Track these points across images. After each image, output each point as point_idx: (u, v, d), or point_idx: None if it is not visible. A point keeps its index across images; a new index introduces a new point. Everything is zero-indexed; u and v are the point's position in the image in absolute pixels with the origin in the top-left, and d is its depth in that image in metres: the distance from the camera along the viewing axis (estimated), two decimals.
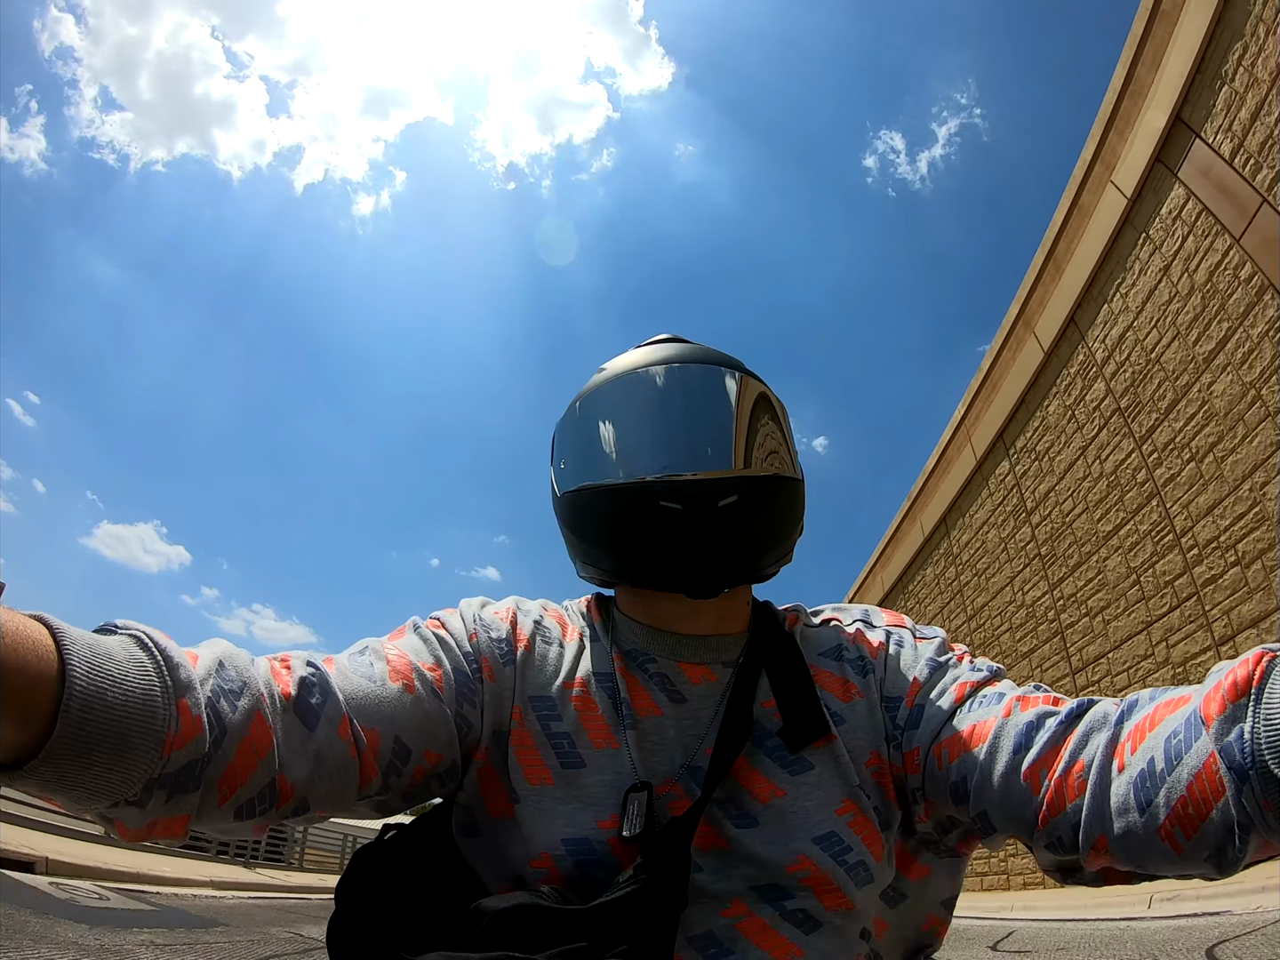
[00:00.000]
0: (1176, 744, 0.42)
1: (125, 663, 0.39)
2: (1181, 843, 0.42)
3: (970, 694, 0.60)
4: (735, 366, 0.69)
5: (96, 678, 0.37)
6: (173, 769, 0.41)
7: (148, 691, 0.39)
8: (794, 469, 0.69)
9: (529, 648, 0.65)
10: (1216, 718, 0.40)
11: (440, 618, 0.65)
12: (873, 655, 0.67)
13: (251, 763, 0.45)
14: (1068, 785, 0.48)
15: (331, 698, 0.51)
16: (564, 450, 0.70)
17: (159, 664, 0.41)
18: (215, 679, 0.45)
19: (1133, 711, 0.49)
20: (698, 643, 0.66)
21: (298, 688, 0.50)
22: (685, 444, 0.63)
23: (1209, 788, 0.40)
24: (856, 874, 0.56)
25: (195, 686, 0.42)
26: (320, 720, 0.50)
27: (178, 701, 0.41)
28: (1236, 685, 0.40)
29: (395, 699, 0.55)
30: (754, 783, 0.59)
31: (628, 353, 0.72)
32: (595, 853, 0.55)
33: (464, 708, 0.59)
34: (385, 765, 0.54)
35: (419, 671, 0.57)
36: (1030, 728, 0.53)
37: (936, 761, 0.58)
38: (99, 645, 0.39)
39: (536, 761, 0.59)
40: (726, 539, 0.61)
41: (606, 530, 0.65)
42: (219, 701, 0.44)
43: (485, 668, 0.62)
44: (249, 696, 0.46)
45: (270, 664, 0.51)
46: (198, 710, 0.42)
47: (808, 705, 0.61)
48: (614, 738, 0.60)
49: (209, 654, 0.46)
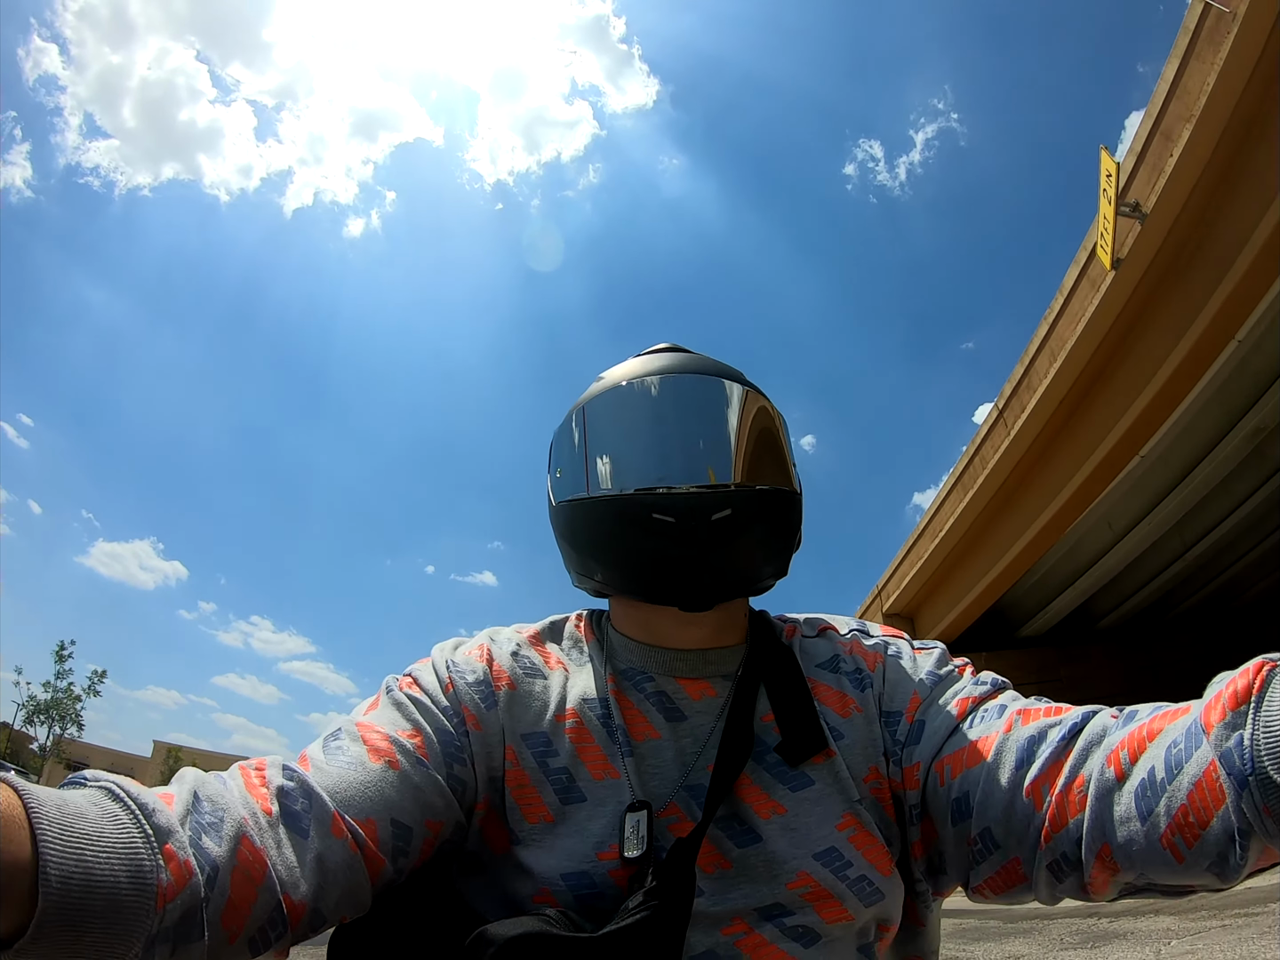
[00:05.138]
0: (1176, 753, 0.42)
1: (99, 819, 0.38)
2: (1183, 851, 0.42)
3: (972, 709, 0.59)
4: (733, 377, 0.68)
5: (72, 841, 0.35)
6: (171, 921, 0.39)
7: (129, 845, 0.38)
8: (792, 482, 0.68)
9: (511, 685, 0.63)
10: (1216, 725, 0.40)
11: (413, 674, 0.63)
12: (870, 668, 0.66)
13: (250, 892, 0.43)
14: (1069, 801, 0.48)
15: (316, 799, 0.49)
16: (560, 459, 0.69)
17: (134, 814, 0.39)
18: (193, 816, 0.43)
19: (1130, 722, 0.48)
20: (695, 657, 0.66)
21: (278, 799, 0.48)
22: (680, 456, 0.63)
23: (1209, 795, 0.40)
24: (860, 889, 0.55)
25: (177, 829, 0.41)
26: (310, 824, 0.48)
27: (162, 849, 0.39)
28: (1237, 694, 0.40)
29: (380, 780, 0.52)
30: (755, 799, 0.58)
31: (626, 361, 0.71)
32: (596, 885, 0.54)
33: (454, 768, 0.57)
34: (390, 851, 0.52)
35: (398, 744, 0.55)
36: (1032, 742, 0.52)
37: (938, 778, 0.57)
38: (69, 806, 0.37)
39: (534, 800, 0.58)
40: (720, 553, 0.60)
41: (599, 542, 0.64)
42: (201, 839, 0.42)
43: (468, 718, 0.60)
44: (231, 824, 0.44)
45: (244, 777, 0.50)
46: (184, 854, 0.40)
47: (807, 720, 0.61)
48: (612, 767, 0.59)
49: (181, 791, 0.44)
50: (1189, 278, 6.80)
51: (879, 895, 0.56)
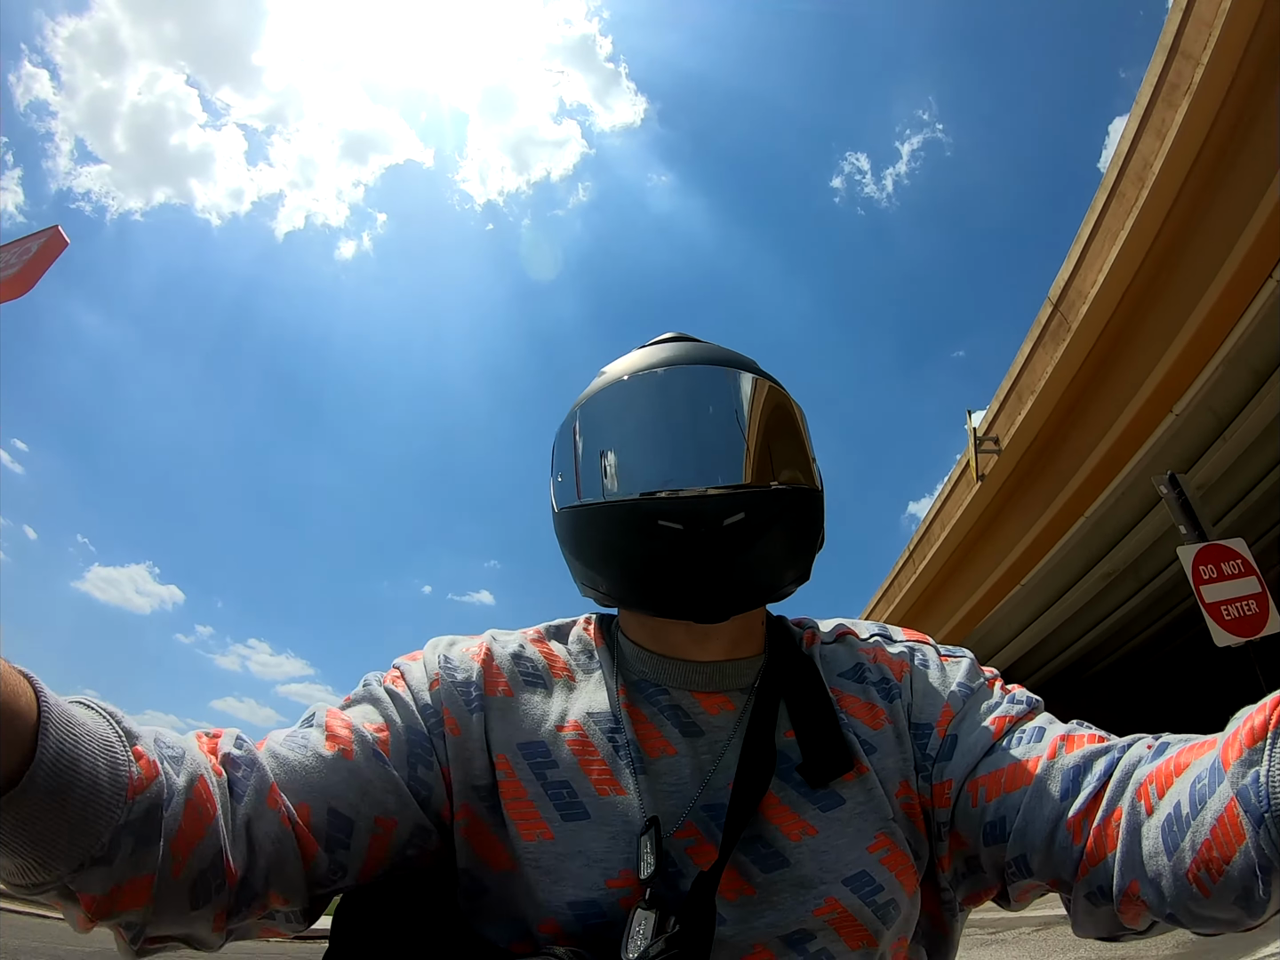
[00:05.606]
0: (1200, 789, 0.42)
1: (82, 715, 0.40)
2: (1209, 886, 0.41)
3: (1010, 729, 0.57)
4: (746, 367, 0.62)
5: (64, 718, 0.38)
6: (137, 814, 0.40)
7: (105, 738, 0.40)
8: (813, 478, 0.63)
9: (508, 690, 0.59)
10: (1234, 763, 0.40)
11: (401, 667, 0.60)
12: (896, 677, 0.63)
13: (199, 828, 0.43)
14: (1107, 835, 0.47)
15: (258, 769, 0.48)
16: (561, 462, 0.64)
17: (107, 719, 0.42)
18: (157, 745, 0.44)
19: (1160, 756, 0.48)
20: (712, 670, 0.61)
21: (224, 764, 0.48)
22: (688, 455, 0.58)
23: (1231, 832, 0.39)
24: (886, 913, 0.52)
25: (144, 735, 0.43)
26: (247, 791, 0.47)
27: (132, 748, 0.41)
28: (1254, 731, 0.39)
29: (326, 767, 0.51)
30: (783, 819, 0.54)
31: (630, 353, 0.66)
32: (605, 914, 0.50)
33: (418, 770, 0.54)
34: (324, 838, 0.49)
35: (360, 735, 0.53)
36: (1078, 771, 0.51)
37: (971, 798, 0.55)
38: (63, 700, 0.40)
39: (532, 815, 0.53)
40: (733, 561, 0.56)
41: (603, 552, 0.60)
42: (164, 764, 0.43)
43: (447, 721, 0.56)
44: (190, 762, 0.45)
45: (198, 739, 0.50)
46: (152, 756, 0.42)
47: (829, 738, 0.57)
48: (617, 783, 0.54)
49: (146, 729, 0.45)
50: (1050, 472, 8.98)
51: (901, 916, 0.54)
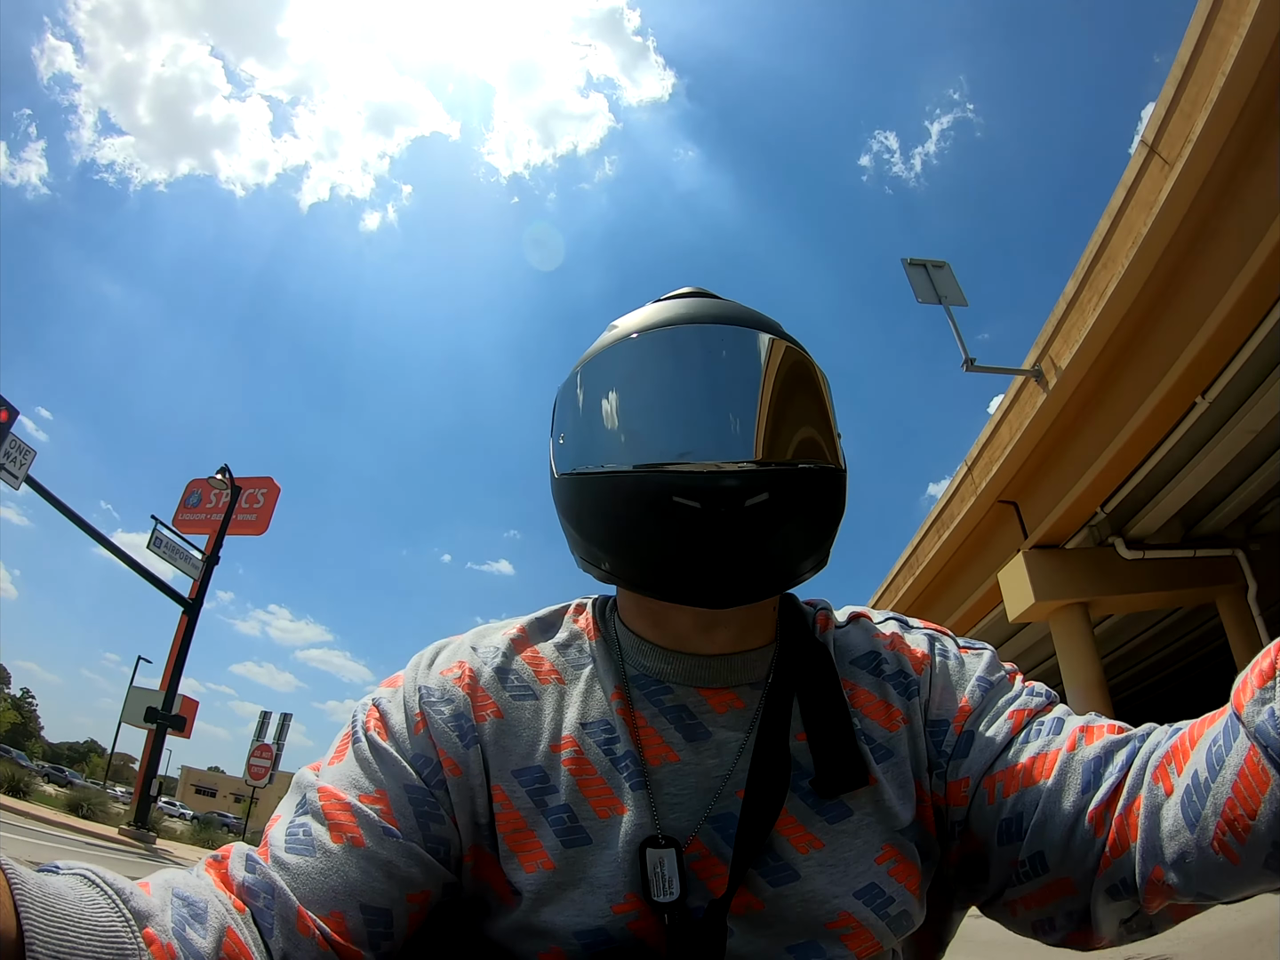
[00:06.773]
0: (1217, 750, 0.41)
1: (79, 902, 0.36)
2: (1236, 850, 0.39)
3: (1028, 722, 0.53)
4: (771, 329, 0.57)
5: (55, 921, 0.34)
6: None
7: (109, 929, 0.36)
8: (836, 457, 0.57)
9: (498, 712, 0.55)
10: (1247, 704, 0.39)
11: (381, 708, 0.55)
12: (916, 670, 0.58)
13: None
14: (1129, 824, 0.45)
15: (279, 895, 0.45)
16: (564, 423, 0.59)
17: (112, 899, 0.38)
18: (175, 906, 0.41)
19: (1176, 734, 0.46)
20: (720, 663, 0.57)
21: (242, 895, 0.46)
22: (705, 425, 0.52)
23: (1254, 781, 0.38)
24: (899, 925, 0.51)
25: (156, 913, 0.39)
26: (275, 923, 0.44)
27: (142, 932, 0.37)
28: (1263, 672, 0.39)
29: (342, 865, 0.47)
30: (791, 831, 0.52)
31: (644, 307, 0.60)
32: (614, 939, 0.49)
33: (431, 828, 0.50)
34: (365, 939, 0.47)
35: (361, 815, 0.49)
36: (1099, 763, 0.48)
37: (988, 795, 0.52)
38: (48, 886, 0.35)
39: (533, 845, 0.52)
40: (753, 545, 0.51)
41: (608, 526, 0.54)
42: (186, 931, 0.40)
43: (444, 763, 0.52)
44: (215, 916, 0.42)
45: (211, 872, 0.47)
46: (166, 938, 0.38)
47: (845, 747, 0.53)
48: (618, 800, 0.52)
49: (159, 882, 0.43)
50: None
51: (913, 924, 0.53)
